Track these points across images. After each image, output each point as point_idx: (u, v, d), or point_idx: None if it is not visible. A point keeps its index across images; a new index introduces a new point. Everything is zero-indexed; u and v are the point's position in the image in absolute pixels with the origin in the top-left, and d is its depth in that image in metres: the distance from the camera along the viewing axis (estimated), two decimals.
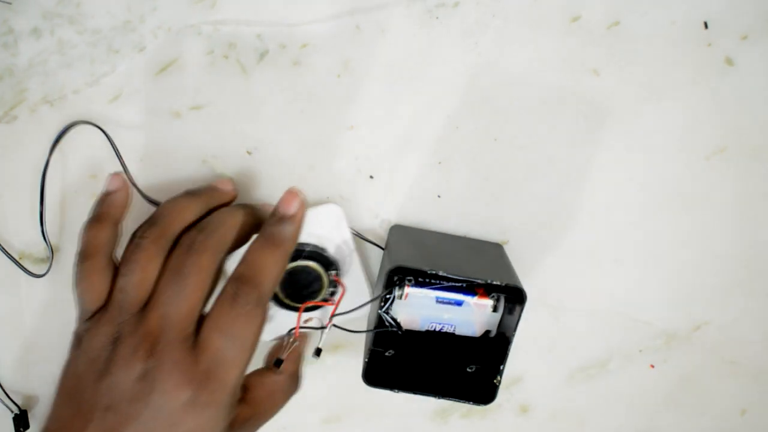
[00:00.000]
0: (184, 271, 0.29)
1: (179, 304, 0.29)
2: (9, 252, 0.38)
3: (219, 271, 0.31)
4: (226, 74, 0.38)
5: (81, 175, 0.38)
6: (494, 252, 0.39)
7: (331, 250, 0.37)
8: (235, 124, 0.39)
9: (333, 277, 0.37)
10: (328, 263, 0.37)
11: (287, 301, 0.37)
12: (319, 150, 0.39)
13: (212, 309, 0.29)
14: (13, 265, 0.38)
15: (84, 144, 0.38)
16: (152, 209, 0.38)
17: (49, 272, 0.38)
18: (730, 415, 0.44)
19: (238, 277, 0.29)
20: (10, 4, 0.38)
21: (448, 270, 0.34)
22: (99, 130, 0.38)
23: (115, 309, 0.29)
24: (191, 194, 0.34)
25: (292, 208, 0.32)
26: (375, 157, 0.39)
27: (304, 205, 0.32)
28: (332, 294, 0.37)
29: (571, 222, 0.40)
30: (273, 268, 0.30)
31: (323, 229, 0.37)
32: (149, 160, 0.39)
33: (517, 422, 0.44)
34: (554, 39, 0.39)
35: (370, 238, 0.39)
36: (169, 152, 0.39)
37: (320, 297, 0.37)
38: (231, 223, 0.32)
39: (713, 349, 0.42)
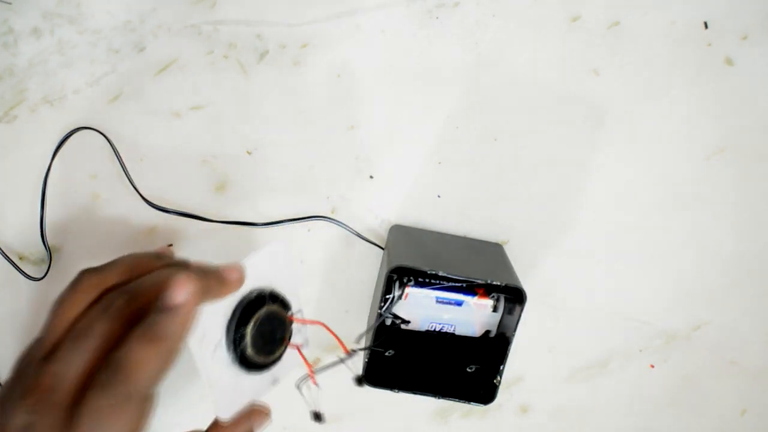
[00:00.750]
0: (93, 334, 0.27)
1: (79, 367, 0.26)
2: (8, 254, 0.38)
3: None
4: (226, 74, 0.38)
5: (81, 176, 0.38)
6: (494, 252, 0.39)
7: (285, 290, 0.33)
8: (235, 124, 0.39)
9: (291, 318, 0.33)
10: (285, 304, 0.32)
11: (260, 358, 0.31)
12: (319, 150, 0.39)
13: (89, 390, 0.26)
14: (13, 266, 0.38)
15: (84, 145, 0.38)
16: (152, 211, 0.38)
17: (48, 274, 0.38)
18: (730, 415, 0.44)
19: (114, 367, 0.26)
20: (10, 4, 0.38)
21: (448, 270, 0.34)
22: (100, 132, 0.38)
23: (33, 345, 0.28)
24: (143, 253, 0.31)
25: (179, 296, 0.26)
26: (375, 157, 0.39)
27: (197, 293, 0.26)
28: (290, 336, 0.33)
29: (571, 222, 0.40)
30: (151, 365, 0.26)
31: (273, 269, 0.32)
32: (149, 160, 0.38)
33: (517, 422, 0.44)
34: (554, 39, 0.39)
35: (370, 238, 0.39)
36: (169, 152, 0.39)
37: (289, 341, 0.33)
38: (157, 287, 0.28)
39: (713, 349, 0.42)
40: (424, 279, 0.35)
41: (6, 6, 0.37)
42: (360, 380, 0.34)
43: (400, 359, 0.37)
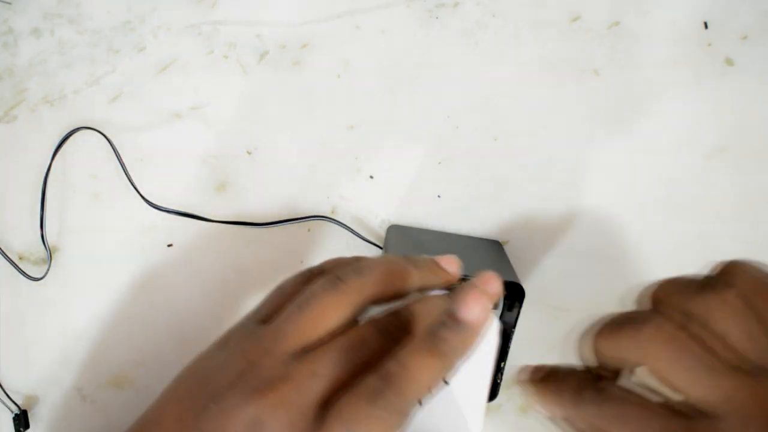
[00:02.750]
0: (364, 351, 0.25)
1: (337, 376, 0.24)
2: (8, 254, 0.38)
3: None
4: (226, 74, 0.38)
5: (81, 176, 0.38)
6: (492, 249, 0.39)
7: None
8: (235, 124, 0.39)
9: None
10: None
11: None
12: (319, 150, 0.39)
13: (349, 392, 0.24)
14: (13, 266, 0.38)
15: (84, 145, 0.38)
16: (152, 211, 0.38)
17: (48, 274, 0.38)
18: None
19: (386, 375, 0.23)
20: (10, 4, 0.38)
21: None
22: (100, 132, 0.38)
23: (268, 334, 0.26)
24: (411, 263, 0.28)
25: (474, 313, 0.24)
26: (375, 157, 0.39)
27: (487, 311, 0.24)
28: None
29: (571, 222, 0.40)
30: (427, 381, 0.24)
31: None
32: (149, 160, 0.39)
33: (517, 422, 0.43)
34: (554, 39, 0.39)
35: (370, 238, 0.39)
36: (169, 152, 0.39)
37: None
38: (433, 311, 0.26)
39: None
40: None
41: (6, 6, 0.37)
42: None
43: None
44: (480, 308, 0.24)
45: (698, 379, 0.22)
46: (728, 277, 0.26)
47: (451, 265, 0.28)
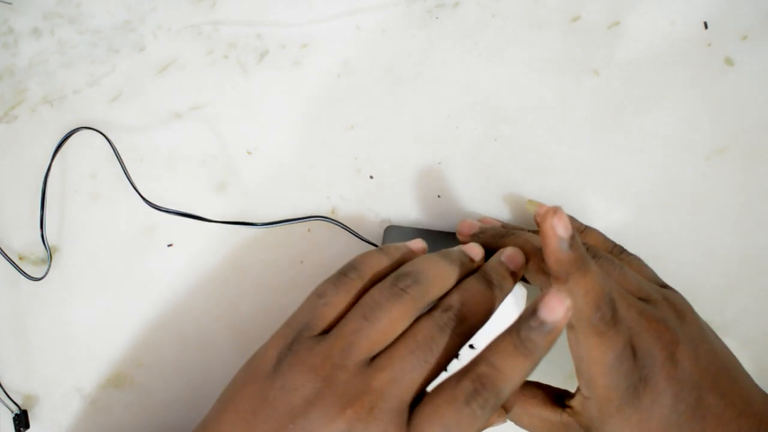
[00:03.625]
0: (432, 348, 0.27)
1: (414, 378, 0.26)
2: (8, 254, 0.38)
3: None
4: (226, 74, 0.38)
5: (81, 176, 0.38)
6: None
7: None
8: (235, 124, 0.39)
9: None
10: None
11: None
12: (319, 150, 0.39)
13: (439, 396, 0.26)
14: (13, 266, 0.38)
15: (84, 145, 0.38)
16: (152, 211, 0.38)
17: (48, 274, 0.38)
18: None
19: (481, 377, 0.25)
20: (10, 4, 0.38)
21: None
22: (100, 132, 0.38)
23: (337, 344, 0.27)
24: (448, 259, 0.30)
25: (558, 315, 0.25)
26: (375, 157, 0.39)
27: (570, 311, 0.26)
28: None
29: None
30: (518, 379, 0.26)
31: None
32: (149, 160, 0.39)
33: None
34: (554, 39, 0.39)
35: (370, 238, 0.39)
36: (169, 152, 0.39)
37: None
38: (483, 309, 0.28)
39: None
40: None
41: (6, 6, 0.38)
42: None
43: None
44: (562, 308, 0.25)
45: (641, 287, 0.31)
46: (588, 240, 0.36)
47: (476, 253, 0.31)
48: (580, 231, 0.36)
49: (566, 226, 0.26)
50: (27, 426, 0.38)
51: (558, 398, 0.33)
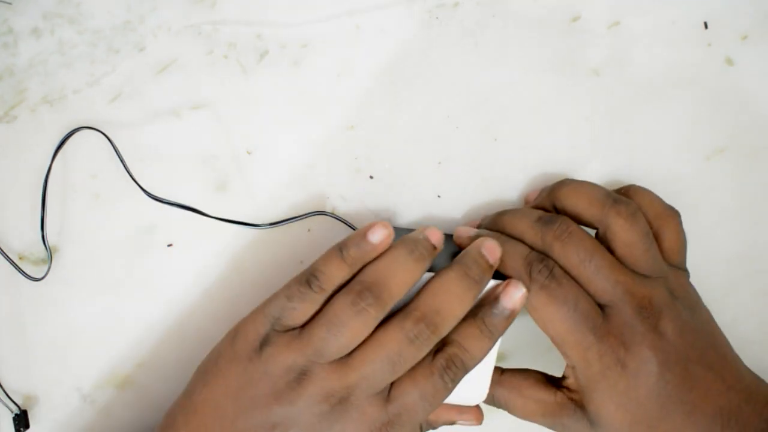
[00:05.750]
0: (401, 358, 0.30)
1: (385, 377, 0.30)
2: (8, 254, 0.38)
3: None
4: (226, 74, 0.38)
5: (81, 176, 0.38)
6: None
7: None
8: (235, 124, 0.39)
9: None
10: None
11: None
12: (319, 150, 0.39)
13: (417, 371, 0.30)
14: (13, 266, 0.38)
15: (84, 145, 0.38)
16: (154, 207, 0.38)
17: (48, 274, 0.38)
18: None
19: (452, 356, 0.30)
20: (10, 4, 0.38)
21: (435, 266, 0.33)
22: (100, 131, 0.38)
23: (310, 347, 0.30)
24: (413, 256, 0.31)
25: (516, 301, 0.31)
26: (375, 157, 0.39)
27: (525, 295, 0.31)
28: None
29: None
30: (482, 355, 0.31)
31: None
32: (149, 160, 0.39)
33: (518, 422, 0.43)
34: (554, 39, 0.39)
35: None
36: (169, 152, 0.39)
37: None
38: (458, 313, 0.31)
39: None
40: None
41: (6, 6, 0.38)
42: None
43: None
44: (520, 295, 0.31)
45: (597, 277, 0.32)
46: (635, 199, 0.35)
47: (437, 239, 0.32)
48: (630, 191, 0.36)
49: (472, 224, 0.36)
50: (27, 426, 0.38)
51: (552, 380, 0.35)
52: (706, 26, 0.39)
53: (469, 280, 0.31)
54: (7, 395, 0.38)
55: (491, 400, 0.35)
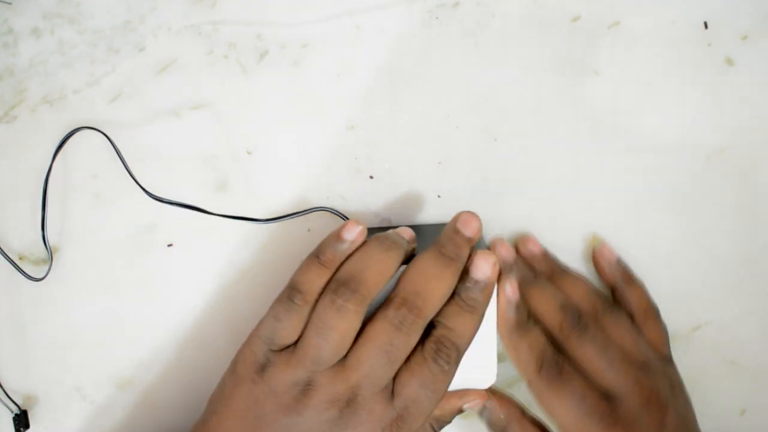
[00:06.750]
0: (392, 347, 0.30)
1: (386, 371, 0.30)
2: (8, 254, 0.38)
3: None
4: (226, 74, 0.38)
5: (81, 176, 0.38)
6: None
7: None
8: (235, 124, 0.39)
9: None
10: None
11: None
12: (319, 150, 0.39)
13: (411, 361, 0.30)
14: (13, 266, 0.38)
15: (85, 144, 0.38)
16: (154, 207, 0.38)
17: (49, 274, 0.38)
18: (730, 415, 0.44)
19: (440, 338, 0.30)
20: (10, 4, 0.38)
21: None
22: (100, 131, 0.38)
23: (307, 358, 0.30)
24: (384, 246, 0.32)
25: (488, 273, 0.32)
26: (375, 157, 0.39)
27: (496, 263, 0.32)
28: None
29: (571, 222, 0.40)
30: (470, 332, 0.31)
31: None
32: (149, 160, 0.39)
33: None
34: (554, 39, 0.39)
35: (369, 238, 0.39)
36: (169, 152, 0.39)
37: None
38: (439, 293, 0.31)
39: (713, 349, 0.42)
40: None
41: (6, 6, 0.38)
42: None
43: None
44: (488, 265, 0.32)
45: (609, 371, 0.33)
46: (624, 301, 0.38)
47: (409, 235, 0.33)
48: (626, 283, 0.39)
49: (514, 291, 0.34)
50: (27, 426, 0.38)
51: None
52: (706, 26, 0.39)
53: (444, 258, 0.31)
54: (7, 395, 0.38)
55: (502, 430, 0.36)
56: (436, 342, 0.30)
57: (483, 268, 0.31)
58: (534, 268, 0.38)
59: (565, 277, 0.38)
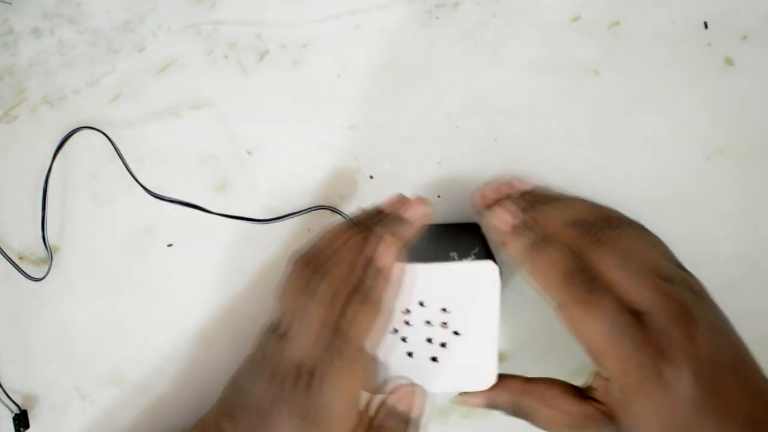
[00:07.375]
0: (351, 329, 0.30)
1: (306, 349, 0.30)
2: (8, 254, 0.38)
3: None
4: (226, 74, 0.38)
5: (82, 176, 0.38)
6: (469, 231, 0.38)
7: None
8: (235, 124, 0.39)
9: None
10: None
11: None
12: (319, 150, 0.39)
13: (321, 357, 0.31)
14: (13, 266, 0.38)
15: (85, 144, 0.38)
16: (154, 207, 0.38)
17: (49, 274, 0.38)
18: None
19: (339, 331, 0.30)
20: (10, 4, 0.38)
21: (423, 260, 0.33)
22: (100, 131, 0.38)
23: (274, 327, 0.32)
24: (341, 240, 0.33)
25: (388, 260, 0.31)
26: (375, 157, 0.39)
27: (395, 254, 0.32)
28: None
29: None
30: (365, 326, 0.31)
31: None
32: (149, 160, 0.39)
33: (518, 422, 0.43)
34: (554, 39, 0.39)
35: None
36: (169, 152, 0.39)
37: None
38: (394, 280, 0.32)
39: None
40: None
41: (6, 6, 0.38)
42: None
43: None
44: (387, 254, 0.31)
45: (632, 283, 0.30)
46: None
47: (418, 211, 0.34)
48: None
49: (506, 220, 0.33)
50: (27, 426, 0.38)
51: (578, 391, 0.33)
52: (706, 26, 0.39)
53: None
54: (7, 395, 0.38)
55: (515, 410, 0.34)
56: (334, 334, 0.30)
57: (381, 257, 0.31)
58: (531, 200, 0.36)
59: (565, 199, 0.35)
